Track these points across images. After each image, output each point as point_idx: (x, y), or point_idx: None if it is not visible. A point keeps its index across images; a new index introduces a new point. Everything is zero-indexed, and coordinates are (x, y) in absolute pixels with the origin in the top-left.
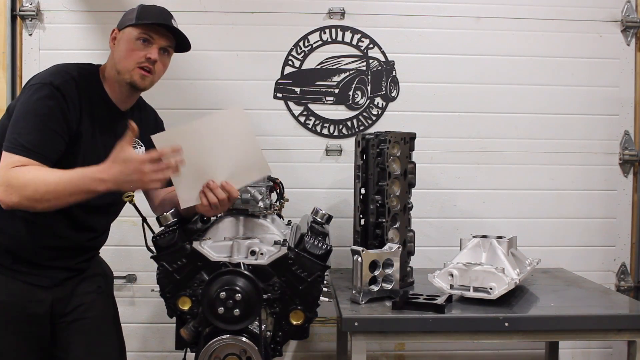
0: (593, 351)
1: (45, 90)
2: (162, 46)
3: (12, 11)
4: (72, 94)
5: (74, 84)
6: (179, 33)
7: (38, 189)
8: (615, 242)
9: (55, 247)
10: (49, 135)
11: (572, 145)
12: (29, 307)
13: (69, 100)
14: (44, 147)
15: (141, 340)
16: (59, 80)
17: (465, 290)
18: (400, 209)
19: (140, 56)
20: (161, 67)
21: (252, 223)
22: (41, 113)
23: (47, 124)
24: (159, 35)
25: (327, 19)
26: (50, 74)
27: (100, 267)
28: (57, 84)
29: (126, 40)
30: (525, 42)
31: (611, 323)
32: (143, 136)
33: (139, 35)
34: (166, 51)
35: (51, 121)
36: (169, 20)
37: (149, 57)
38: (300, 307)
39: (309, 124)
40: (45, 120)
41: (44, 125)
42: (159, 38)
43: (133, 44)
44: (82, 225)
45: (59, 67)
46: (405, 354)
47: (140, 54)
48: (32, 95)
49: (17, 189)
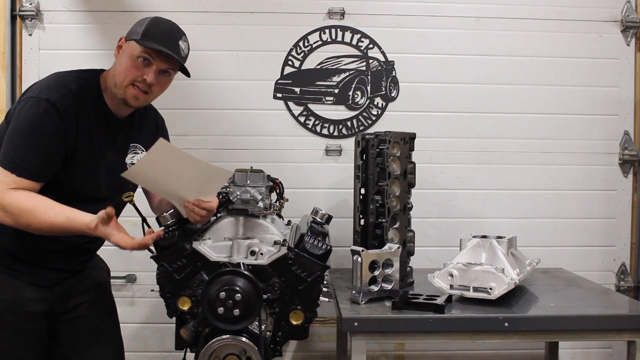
0: (593, 351)
1: (41, 107)
2: (161, 69)
3: (12, 11)
4: (69, 109)
5: (71, 98)
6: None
7: (31, 223)
8: (615, 242)
9: (55, 249)
10: (44, 154)
11: (571, 145)
12: (28, 305)
13: (66, 117)
14: (39, 167)
15: (141, 340)
16: (56, 95)
17: (465, 290)
18: (400, 209)
19: (137, 75)
20: (158, 89)
21: (252, 223)
22: (37, 131)
23: (43, 142)
24: (161, 58)
25: (327, 19)
26: (48, 88)
27: (98, 266)
28: (53, 101)
29: (128, 54)
30: (525, 42)
31: (611, 323)
32: (144, 140)
33: (139, 54)
34: (167, 72)
35: (47, 139)
36: (174, 44)
37: (145, 79)
38: (300, 307)
39: (308, 124)
40: (41, 139)
41: (39, 145)
42: (160, 61)
43: (134, 60)
44: None
45: (58, 78)
46: (405, 354)
47: (138, 73)
48: (29, 111)
49: (12, 216)
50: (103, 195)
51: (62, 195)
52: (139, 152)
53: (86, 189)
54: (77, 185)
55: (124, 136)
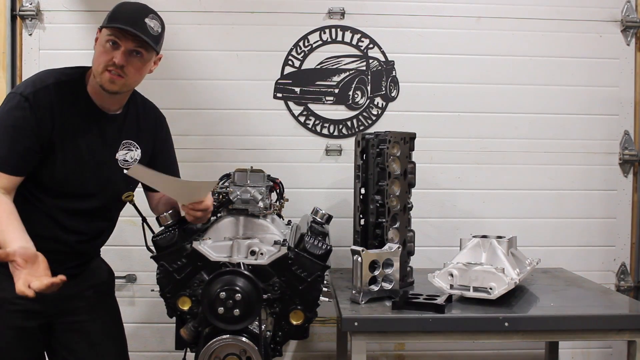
0: (593, 351)
1: (14, 101)
2: (129, 49)
3: (12, 11)
4: (42, 103)
5: (47, 92)
6: (149, 36)
7: None
8: (615, 242)
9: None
10: (17, 148)
11: (572, 145)
12: (18, 303)
13: (37, 110)
14: (13, 160)
15: (141, 340)
16: (29, 89)
17: (465, 290)
18: (400, 209)
19: (106, 59)
20: (132, 71)
21: (252, 223)
22: (9, 124)
23: (14, 136)
24: (126, 38)
25: (327, 19)
26: (25, 84)
27: (98, 269)
28: (26, 94)
29: (100, 42)
30: (525, 42)
31: (611, 323)
32: (140, 138)
33: (107, 38)
34: (138, 52)
35: (18, 133)
36: (140, 22)
37: (114, 61)
38: (300, 307)
39: (309, 124)
40: (12, 132)
41: (11, 138)
42: (126, 41)
43: (103, 46)
44: (67, 228)
45: (39, 75)
46: (405, 354)
47: (108, 57)
48: (5, 106)
49: None
50: (90, 191)
51: (48, 191)
52: (133, 149)
53: (71, 184)
54: (61, 180)
55: (114, 131)
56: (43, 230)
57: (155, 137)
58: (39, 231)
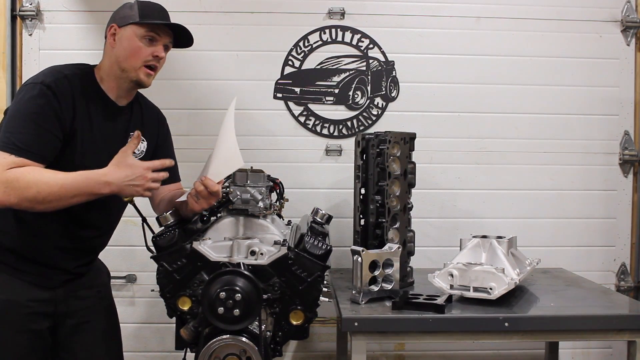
0: (593, 351)
1: (35, 90)
2: (165, 43)
3: (12, 11)
4: (64, 91)
5: (67, 82)
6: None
7: (41, 191)
8: (615, 242)
9: (60, 247)
10: (41, 135)
11: (572, 145)
12: (31, 306)
13: (61, 98)
14: (38, 147)
15: (141, 340)
16: (50, 78)
17: (465, 290)
18: (400, 209)
19: (147, 54)
20: (162, 63)
21: (252, 223)
22: (33, 112)
23: (39, 123)
24: (163, 33)
25: (327, 19)
26: (43, 74)
27: (100, 271)
28: (47, 83)
29: (130, 39)
30: (525, 42)
31: (611, 323)
32: (145, 130)
33: (145, 34)
34: (168, 48)
35: (43, 120)
36: (169, 18)
37: (156, 55)
38: (300, 307)
39: (309, 124)
40: (37, 119)
41: (36, 125)
42: (164, 36)
43: (139, 42)
44: (84, 222)
45: (53, 67)
46: (405, 354)
47: (147, 51)
48: (24, 96)
49: (17, 190)
50: None
51: None
52: (140, 141)
53: None
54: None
55: (123, 123)
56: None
57: (158, 132)
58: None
